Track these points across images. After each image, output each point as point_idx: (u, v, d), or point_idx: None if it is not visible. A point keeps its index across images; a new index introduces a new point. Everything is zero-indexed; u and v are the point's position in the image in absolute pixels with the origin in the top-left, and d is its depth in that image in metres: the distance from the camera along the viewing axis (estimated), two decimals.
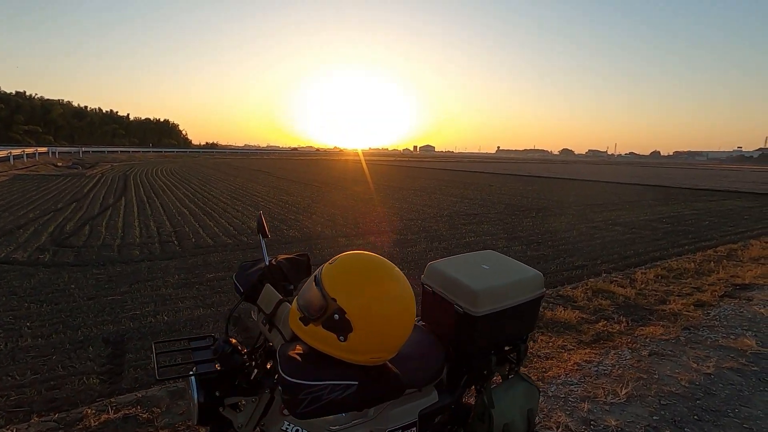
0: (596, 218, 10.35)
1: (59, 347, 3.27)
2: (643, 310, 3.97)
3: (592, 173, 35.71)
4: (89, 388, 2.72)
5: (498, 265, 1.62)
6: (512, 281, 1.52)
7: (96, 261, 5.70)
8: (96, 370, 2.95)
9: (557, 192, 17.42)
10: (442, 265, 1.60)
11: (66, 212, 9.42)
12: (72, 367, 2.98)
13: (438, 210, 11.24)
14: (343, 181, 20.71)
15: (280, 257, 1.43)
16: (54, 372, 2.92)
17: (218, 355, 1.11)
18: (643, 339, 3.25)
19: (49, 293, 4.43)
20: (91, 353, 3.19)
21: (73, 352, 3.21)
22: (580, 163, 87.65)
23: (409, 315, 0.92)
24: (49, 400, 2.58)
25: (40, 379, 2.82)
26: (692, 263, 5.77)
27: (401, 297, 0.91)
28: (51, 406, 2.51)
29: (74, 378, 2.83)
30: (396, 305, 0.89)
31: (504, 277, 1.52)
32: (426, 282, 1.61)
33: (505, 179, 25.24)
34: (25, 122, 49.78)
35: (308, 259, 1.50)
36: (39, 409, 2.46)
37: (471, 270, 1.56)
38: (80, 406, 2.45)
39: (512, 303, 1.49)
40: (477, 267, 1.59)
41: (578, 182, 24.12)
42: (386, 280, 0.91)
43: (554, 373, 2.70)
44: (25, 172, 20.02)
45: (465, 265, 1.61)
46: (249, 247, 6.64)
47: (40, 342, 3.34)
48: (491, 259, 1.69)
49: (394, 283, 0.92)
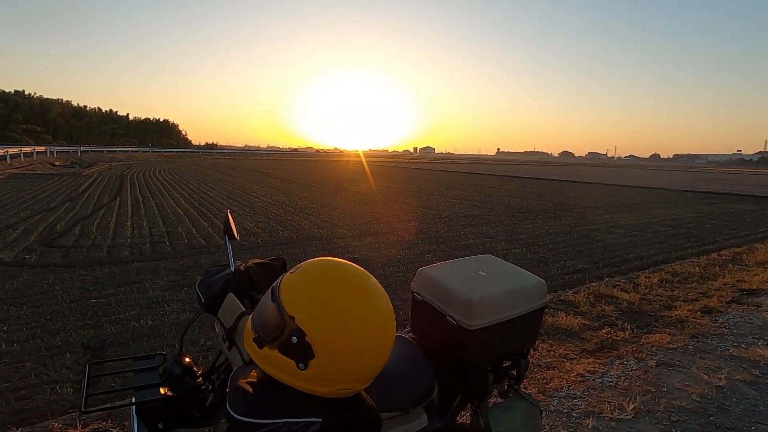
0: (597, 221, 10.19)
1: (35, 353, 3.10)
2: (648, 316, 3.81)
3: (592, 175, 35.58)
4: (62, 398, 2.56)
5: (496, 272, 1.46)
6: (512, 289, 1.36)
7: (84, 262, 5.54)
8: (71, 378, 2.79)
9: (557, 194, 17.27)
10: (433, 271, 1.44)
11: (58, 212, 9.26)
12: (46, 375, 2.82)
13: (437, 211, 11.08)
14: (342, 182, 20.55)
15: (251, 262, 1.28)
16: (26, 380, 2.75)
17: (166, 377, 0.94)
18: (649, 348, 3.09)
19: (31, 295, 4.26)
20: (68, 360, 3.03)
21: (49, 358, 3.05)
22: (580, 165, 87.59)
23: (386, 337, 0.75)
24: (17, 411, 2.42)
25: (10, 387, 2.66)
26: (697, 267, 5.61)
27: (377, 315, 0.74)
28: (18, 418, 2.34)
29: (47, 387, 2.67)
30: (370, 325, 0.72)
31: (503, 285, 1.37)
32: (416, 289, 1.46)
33: (504, 181, 25.09)
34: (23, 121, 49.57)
35: (284, 264, 1.33)
36: (5, 421, 2.30)
37: (466, 277, 1.40)
38: (49, 418, 2.29)
39: (512, 314, 1.33)
40: (473, 273, 1.43)
41: (578, 184, 23.98)
42: (358, 293, 0.74)
43: (556, 384, 2.54)
44: (21, 171, 19.85)
45: (459, 271, 1.45)
46: (243, 249, 6.48)
47: (15, 348, 3.18)
48: (489, 264, 1.53)
49: (369, 297, 0.74)
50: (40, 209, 9.51)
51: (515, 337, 1.40)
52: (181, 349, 1.04)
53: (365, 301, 0.73)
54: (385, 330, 0.75)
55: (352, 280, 0.75)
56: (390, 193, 15.56)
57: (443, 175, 29.98)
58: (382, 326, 0.74)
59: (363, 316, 0.72)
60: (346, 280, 0.74)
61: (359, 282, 0.75)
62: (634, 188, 21.97)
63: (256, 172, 26.85)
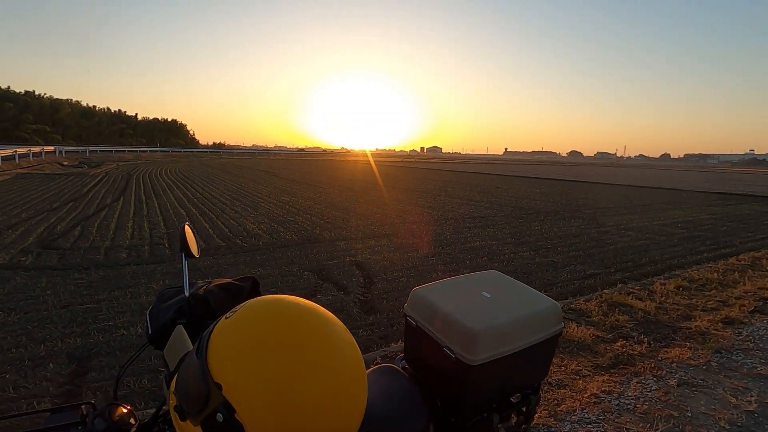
0: (607, 222, 9.91)
1: (17, 364, 2.96)
2: (665, 327, 3.57)
3: (601, 175, 35.06)
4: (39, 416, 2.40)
5: (503, 293, 1.26)
6: (522, 315, 1.16)
7: (80, 265, 5.41)
8: (51, 392, 2.63)
9: (566, 195, 16.94)
10: (429, 292, 1.25)
11: (60, 212, 9.19)
12: (25, 388, 2.67)
13: (443, 213, 10.86)
14: (348, 183, 20.38)
15: (215, 283, 1.08)
16: (4, 394, 2.60)
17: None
18: (669, 364, 2.86)
19: (21, 300, 4.13)
20: (51, 371, 2.88)
21: (31, 369, 2.90)
22: (589, 165, 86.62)
23: (352, 407, 0.56)
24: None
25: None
26: (715, 273, 5.35)
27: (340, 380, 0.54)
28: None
29: (24, 402, 2.52)
30: (330, 395, 0.52)
31: (511, 310, 1.17)
32: (409, 313, 1.26)
33: (512, 181, 24.76)
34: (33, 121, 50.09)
35: (255, 284, 1.14)
36: None
37: (467, 299, 1.20)
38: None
39: (522, 345, 1.13)
40: (475, 295, 1.23)
41: (587, 185, 23.58)
42: (314, 351, 0.54)
43: (568, 406, 2.33)
44: (29, 171, 19.96)
45: (460, 292, 1.25)
46: (242, 251, 6.33)
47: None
48: (494, 283, 1.33)
49: (329, 355, 0.55)
50: (42, 209, 9.45)
51: (525, 370, 1.21)
52: (115, 396, 0.86)
53: (324, 361, 0.53)
54: (352, 397, 0.55)
55: (307, 331, 0.55)
56: (396, 194, 15.36)
57: (450, 175, 29.70)
58: (347, 393, 0.54)
59: (320, 385, 0.52)
60: (298, 331, 0.54)
61: (316, 334, 0.55)
62: (645, 189, 21.54)
63: (262, 171, 26.79)
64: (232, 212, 9.90)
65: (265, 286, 4.74)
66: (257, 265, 5.55)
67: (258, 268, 5.45)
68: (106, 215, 9.02)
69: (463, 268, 5.63)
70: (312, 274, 5.26)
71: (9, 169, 19.34)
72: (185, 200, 11.85)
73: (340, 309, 4.11)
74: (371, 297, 4.49)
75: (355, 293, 4.59)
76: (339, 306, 4.18)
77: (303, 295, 4.46)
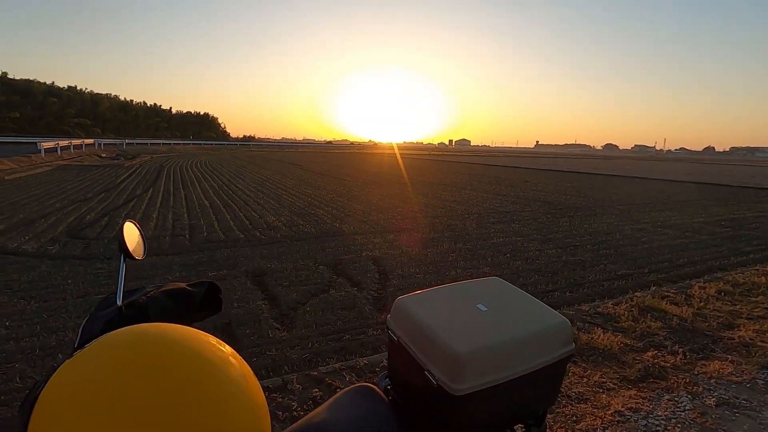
0: (643, 219, 9.35)
1: (28, 353, 2.99)
2: (704, 336, 3.25)
3: (638, 169, 33.46)
4: None
5: (502, 306, 1.07)
6: (522, 335, 0.97)
7: (102, 254, 5.53)
8: None
9: (599, 189, 16.21)
10: (414, 303, 1.07)
11: (92, 203, 9.50)
12: (31, 380, 2.67)
13: (467, 207, 10.56)
14: (372, 175, 20.26)
15: (164, 288, 0.95)
16: (10, 384, 2.62)
17: None
18: (707, 379, 2.57)
19: (42, 288, 4.23)
20: (58, 363, 2.88)
21: (40, 360, 2.92)
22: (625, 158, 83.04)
23: None
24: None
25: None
26: (762, 277, 4.89)
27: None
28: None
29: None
30: None
31: (508, 329, 0.98)
32: (391, 326, 1.09)
33: (542, 175, 23.96)
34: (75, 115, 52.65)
35: (212, 289, 1.00)
36: None
37: (458, 314, 1.02)
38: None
39: (521, 371, 0.94)
40: (469, 308, 1.05)
41: (622, 179, 22.51)
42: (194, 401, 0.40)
43: (588, 424, 2.11)
44: (69, 163, 20.88)
45: (450, 303, 1.07)
46: (260, 243, 6.31)
47: (10, 346, 3.08)
48: (494, 293, 1.14)
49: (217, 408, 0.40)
50: (76, 200, 9.80)
51: (525, 399, 1.02)
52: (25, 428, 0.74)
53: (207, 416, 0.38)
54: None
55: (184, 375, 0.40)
56: (420, 187, 15.11)
57: (478, 168, 29.09)
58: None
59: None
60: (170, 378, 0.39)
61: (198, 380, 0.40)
62: (686, 183, 20.33)
63: (289, 164, 27.05)
64: (255, 204, 9.96)
65: (278, 280, 4.69)
66: (273, 258, 5.50)
67: (273, 260, 5.40)
68: (134, 206, 9.25)
69: (484, 266, 5.39)
70: (327, 268, 5.16)
71: (51, 161, 20.29)
72: (211, 192, 12.05)
73: (351, 306, 3.98)
74: (385, 294, 4.34)
75: (369, 289, 4.45)
76: (351, 302, 4.06)
77: (315, 290, 4.38)
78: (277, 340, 3.30)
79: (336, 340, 3.28)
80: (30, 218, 7.54)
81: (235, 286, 4.42)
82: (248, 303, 3.98)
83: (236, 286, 4.44)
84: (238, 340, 3.28)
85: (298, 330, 3.47)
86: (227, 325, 3.52)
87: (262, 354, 3.06)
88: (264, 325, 3.54)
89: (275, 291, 4.34)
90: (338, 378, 2.51)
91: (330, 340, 3.28)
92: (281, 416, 2.16)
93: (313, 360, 2.99)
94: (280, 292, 4.30)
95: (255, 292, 4.28)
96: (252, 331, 3.43)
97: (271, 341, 3.26)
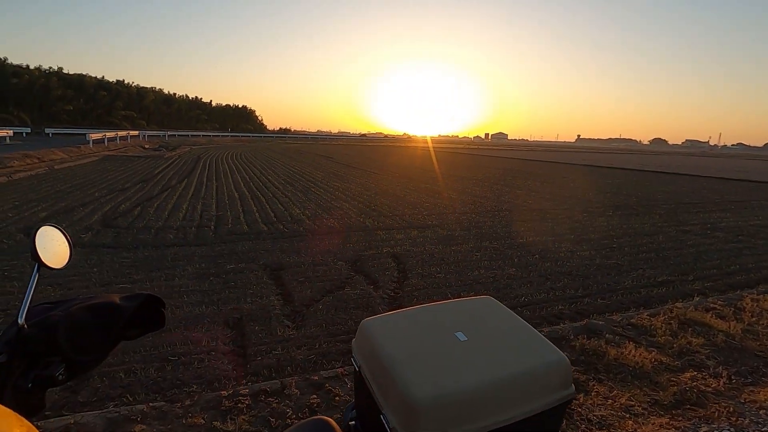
0: (690, 220, 8.67)
1: None
2: (754, 358, 2.88)
3: (688, 166, 31.36)
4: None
5: (488, 335, 0.89)
6: (507, 377, 0.78)
7: (130, 244, 5.67)
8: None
9: (643, 187, 15.26)
10: (380, 326, 0.91)
11: (128, 192, 9.86)
12: None
13: (497, 203, 10.18)
14: (403, 169, 20.04)
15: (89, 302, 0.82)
16: None
17: None
18: (755, 410, 2.25)
19: (69, 276, 4.35)
20: None
21: None
22: (675, 154, 78.20)
23: None
24: None
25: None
26: None
27: None
28: None
29: None
30: None
31: (489, 365, 0.80)
32: (355, 353, 0.93)
33: (582, 170, 22.91)
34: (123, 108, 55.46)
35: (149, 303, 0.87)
36: None
37: (429, 343, 0.85)
38: None
39: (503, 422, 0.76)
40: (444, 336, 0.87)
41: (670, 176, 21.13)
42: None
43: None
44: (114, 153, 21.92)
45: (423, 329, 0.90)
46: (282, 236, 6.29)
47: None
48: (480, 318, 0.95)
49: None
50: (114, 189, 10.21)
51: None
52: None
53: None
54: None
55: None
56: (451, 182, 14.76)
57: (513, 163, 28.21)
58: None
59: None
60: None
61: None
62: (743, 182, 18.82)
63: (321, 156, 27.25)
64: (283, 197, 10.02)
65: (295, 275, 4.63)
66: (292, 252, 5.45)
67: (293, 255, 5.35)
68: (167, 196, 9.52)
69: (510, 266, 5.11)
70: (346, 264, 5.05)
71: (98, 152, 21.37)
72: (242, 183, 12.26)
73: (365, 305, 3.85)
74: (401, 294, 4.18)
75: (386, 288, 4.31)
76: (365, 302, 3.92)
77: (331, 287, 4.27)
78: (285, 338, 3.21)
79: (344, 342, 3.16)
80: (71, 206, 7.89)
81: (251, 280, 4.39)
82: (262, 298, 3.93)
83: (252, 280, 4.41)
84: (247, 336, 3.23)
85: (307, 329, 3.38)
86: (238, 321, 3.48)
87: (267, 353, 2.98)
88: (275, 322, 3.47)
89: (290, 286, 4.27)
90: (339, 384, 2.38)
91: (338, 342, 3.16)
92: (274, 423, 2.05)
93: (317, 362, 2.88)
94: (295, 288, 4.23)
95: (270, 287, 4.23)
96: (261, 327, 3.37)
97: (278, 339, 3.19)
